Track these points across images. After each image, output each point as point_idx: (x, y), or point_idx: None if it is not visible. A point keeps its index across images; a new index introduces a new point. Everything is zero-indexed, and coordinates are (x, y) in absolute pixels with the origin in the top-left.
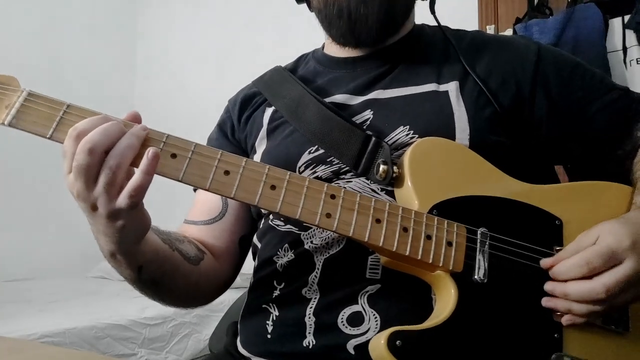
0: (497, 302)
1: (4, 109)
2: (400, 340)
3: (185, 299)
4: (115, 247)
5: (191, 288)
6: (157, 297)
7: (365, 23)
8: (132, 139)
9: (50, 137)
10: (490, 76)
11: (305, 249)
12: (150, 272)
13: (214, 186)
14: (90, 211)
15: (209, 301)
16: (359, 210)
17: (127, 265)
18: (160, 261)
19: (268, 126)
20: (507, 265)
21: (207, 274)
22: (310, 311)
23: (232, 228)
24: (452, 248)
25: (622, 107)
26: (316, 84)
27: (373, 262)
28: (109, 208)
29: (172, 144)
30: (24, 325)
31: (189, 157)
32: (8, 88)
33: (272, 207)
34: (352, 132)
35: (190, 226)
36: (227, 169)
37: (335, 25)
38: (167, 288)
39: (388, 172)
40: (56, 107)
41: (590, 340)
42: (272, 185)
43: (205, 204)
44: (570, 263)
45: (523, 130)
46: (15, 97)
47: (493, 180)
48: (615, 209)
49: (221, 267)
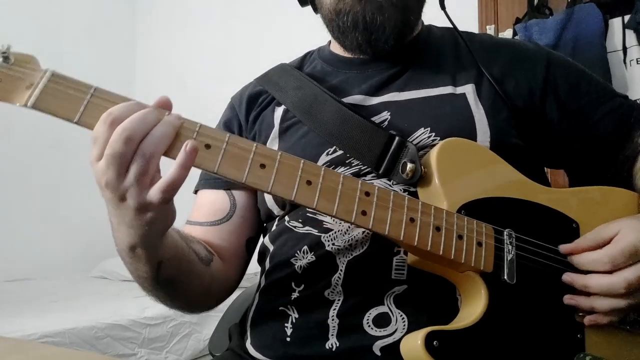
0: (523, 303)
1: (25, 90)
2: (437, 341)
3: (196, 301)
4: (139, 239)
5: (204, 290)
6: (169, 298)
7: (382, 32)
8: (168, 128)
9: (77, 121)
10: (504, 79)
11: (327, 251)
12: (168, 270)
13: (250, 179)
14: (117, 202)
15: (216, 305)
16: (393, 209)
17: (147, 260)
18: (179, 258)
19: (280, 126)
20: (531, 266)
21: (217, 276)
22: (333, 313)
23: (239, 230)
24: (482, 248)
25: (625, 113)
26: (327, 83)
27: (398, 262)
28: (139, 200)
29: (205, 134)
30: (24, 325)
31: (223, 148)
32: (28, 67)
33: (309, 203)
34: (374, 132)
35: (194, 227)
36: (263, 162)
37: (350, 36)
38: (182, 288)
39: (416, 170)
40: (83, 90)
41: (610, 340)
42: (308, 180)
43: (211, 205)
44: (593, 257)
45: (536, 133)
46: (38, 77)
47: (514, 181)
48: (624, 212)
49: (228, 269)
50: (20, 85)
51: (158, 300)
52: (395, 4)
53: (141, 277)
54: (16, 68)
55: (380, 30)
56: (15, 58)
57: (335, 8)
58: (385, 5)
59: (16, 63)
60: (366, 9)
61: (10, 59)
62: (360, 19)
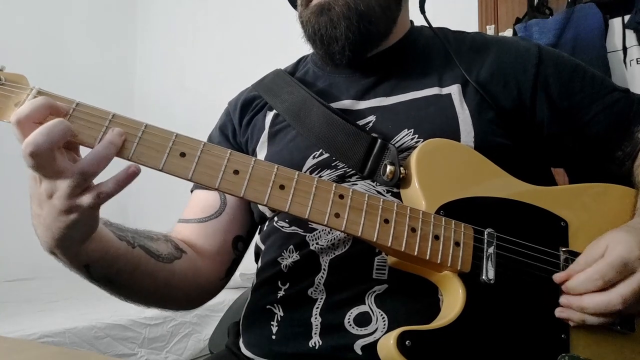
0: (504, 303)
1: (14, 107)
2: (409, 340)
3: (154, 298)
4: (55, 243)
5: (160, 287)
6: (116, 294)
7: (336, 44)
8: (110, 149)
9: None
10: (491, 79)
11: (310, 250)
12: (100, 270)
13: (223, 185)
14: (44, 198)
15: (197, 302)
16: (368, 210)
17: (70, 264)
18: (112, 259)
19: (269, 130)
20: (514, 266)
21: (183, 273)
22: (316, 311)
23: (226, 227)
24: (460, 248)
25: (622, 109)
26: (316, 87)
27: (380, 262)
28: (68, 203)
29: (181, 143)
30: (24, 325)
31: (198, 155)
32: (17, 86)
33: (281, 206)
34: (358, 136)
35: (182, 225)
36: (237, 168)
37: (314, 46)
38: (126, 285)
39: (395, 172)
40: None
41: (596, 340)
42: (281, 185)
43: (201, 202)
44: (584, 277)
45: (525, 132)
46: (25, 95)
47: (498, 181)
48: (618, 210)
49: (209, 266)
50: (9, 104)
51: (112, 295)
52: (348, 17)
53: (78, 274)
54: (7, 87)
55: (333, 43)
56: (7, 78)
57: (301, 18)
58: (336, 20)
59: (7, 83)
60: (321, 22)
61: (2, 79)
62: (317, 30)
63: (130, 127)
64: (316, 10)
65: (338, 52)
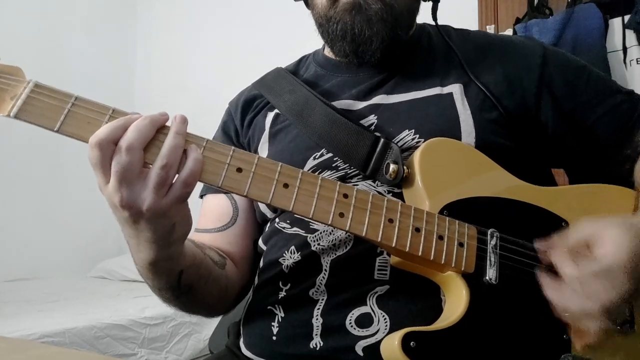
0: (507, 303)
1: (9, 101)
2: (414, 341)
3: (214, 305)
4: (160, 253)
5: (222, 293)
6: (189, 304)
7: (370, 45)
8: (178, 139)
9: (58, 130)
10: (495, 79)
11: (312, 251)
12: (189, 277)
13: (226, 183)
14: (134, 219)
15: (233, 307)
16: (372, 210)
17: (169, 271)
18: (198, 264)
19: (270, 130)
20: (516, 266)
21: (232, 279)
22: (317, 312)
23: (245, 232)
24: (464, 249)
25: (626, 111)
26: (320, 87)
27: (381, 263)
28: (158, 207)
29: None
30: (24, 325)
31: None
32: (13, 79)
33: (285, 205)
34: (361, 135)
35: (202, 235)
36: (240, 166)
37: (338, 44)
38: (202, 293)
39: (399, 171)
40: (64, 99)
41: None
42: (285, 183)
43: (215, 210)
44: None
45: (528, 133)
46: (22, 88)
47: (500, 181)
48: (617, 211)
49: (240, 272)
50: (5, 97)
51: (178, 308)
52: (384, 19)
53: (162, 289)
54: (1, 80)
55: (368, 43)
56: (1, 70)
57: (326, 14)
58: (374, 20)
59: (2, 75)
60: (355, 21)
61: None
62: (349, 29)
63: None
64: (349, 8)
65: (370, 52)
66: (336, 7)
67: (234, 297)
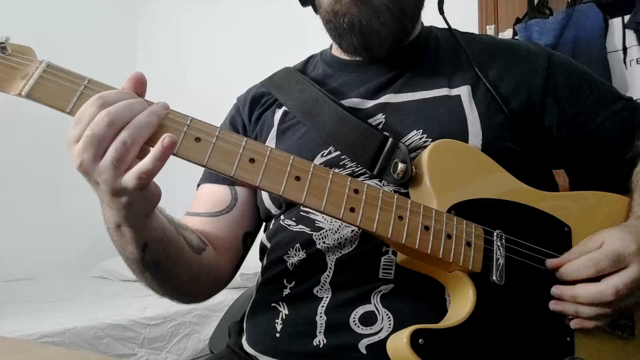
0: (511, 304)
1: (20, 80)
2: (422, 339)
3: (182, 288)
4: (122, 219)
5: (192, 279)
6: (155, 283)
7: (377, 37)
8: (151, 117)
9: (69, 111)
10: (502, 82)
11: (317, 249)
12: (154, 252)
13: (239, 173)
14: (92, 185)
15: (205, 298)
16: (382, 207)
17: (132, 240)
18: (167, 242)
19: (278, 127)
20: (521, 268)
21: (207, 266)
22: (321, 310)
23: (237, 223)
24: (471, 248)
25: (627, 117)
26: (328, 86)
27: (386, 262)
28: (113, 185)
29: (196, 128)
30: (24, 325)
31: (213, 142)
32: (25, 57)
33: (297, 198)
34: (369, 134)
35: (192, 218)
36: (252, 157)
37: (346, 38)
38: (169, 273)
39: (407, 170)
40: (76, 82)
41: (599, 344)
42: (297, 176)
43: (211, 196)
44: (577, 263)
45: (533, 137)
46: (34, 68)
47: (506, 184)
48: (615, 218)
49: (221, 261)
50: (16, 75)
51: (146, 284)
52: (391, 10)
53: (129, 259)
54: (13, 58)
55: (375, 34)
56: (13, 49)
57: (332, 9)
58: (381, 11)
59: (13, 54)
60: (362, 12)
61: (8, 50)
62: (356, 22)
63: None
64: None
65: (378, 44)
66: (342, 0)
67: (207, 285)
